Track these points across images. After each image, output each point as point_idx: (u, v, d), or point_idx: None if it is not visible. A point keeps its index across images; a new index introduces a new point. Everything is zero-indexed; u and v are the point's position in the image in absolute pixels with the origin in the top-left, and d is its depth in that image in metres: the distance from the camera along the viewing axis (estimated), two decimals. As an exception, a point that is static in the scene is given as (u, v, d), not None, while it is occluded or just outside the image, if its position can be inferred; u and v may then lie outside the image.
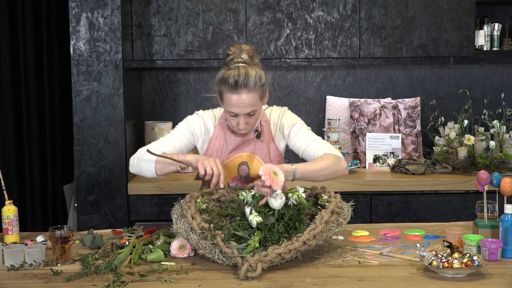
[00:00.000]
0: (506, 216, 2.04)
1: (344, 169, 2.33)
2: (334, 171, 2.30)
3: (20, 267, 1.99)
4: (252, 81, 2.18)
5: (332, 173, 2.30)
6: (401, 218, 3.29)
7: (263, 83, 2.23)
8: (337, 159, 2.31)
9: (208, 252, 1.94)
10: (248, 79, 2.17)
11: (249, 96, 2.20)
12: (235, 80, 2.17)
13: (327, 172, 2.28)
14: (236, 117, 2.27)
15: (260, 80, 2.21)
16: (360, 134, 3.70)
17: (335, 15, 3.49)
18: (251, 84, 2.18)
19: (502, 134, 3.45)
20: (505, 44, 3.76)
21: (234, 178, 2.41)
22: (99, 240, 2.23)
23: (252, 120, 2.29)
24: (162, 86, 3.82)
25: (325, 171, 2.28)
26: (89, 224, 3.24)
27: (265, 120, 2.43)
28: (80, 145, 3.23)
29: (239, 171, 2.40)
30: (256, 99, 2.23)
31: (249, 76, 2.18)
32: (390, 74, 3.86)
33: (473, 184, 3.20)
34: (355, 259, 2.05)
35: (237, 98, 2.20)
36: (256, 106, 2.25)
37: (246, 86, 2.18)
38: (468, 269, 1.85)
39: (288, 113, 2.46)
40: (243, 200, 2.06)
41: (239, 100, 2.20)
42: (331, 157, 2.30)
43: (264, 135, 2.42)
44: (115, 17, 3.19)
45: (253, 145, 2.40)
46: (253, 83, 2.18)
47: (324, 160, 2.29)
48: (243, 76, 2.17)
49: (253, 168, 2.39)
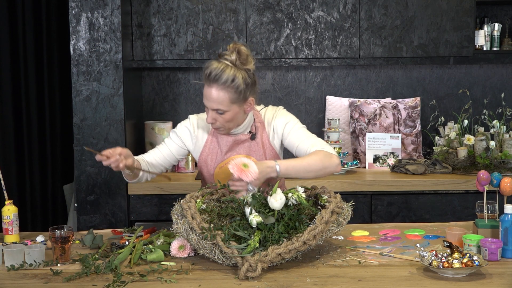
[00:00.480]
0: (506, 216, 2.04)
1: (335, 165, 2.26)
2: (323, 167, 2.24)
3: (20, 267, 1.99)
4: (223, 78, 2.19)
5: (321, 169, 2.24)
6: (401, 218, 3.29)
7: (238, 86, 2.21)
8: (327, 155, 2.24)
9: (208, 252, 1.94)
10: (220, 76, 2.19)
11: (218, 92, 2.21)
12: (210, 72, 2.21)
13: (315, 168, 2.23)
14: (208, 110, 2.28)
15: (232, 82, 2.20)
16: (360, 134, 3.70)
17: (335, 15, 3.49)
18: (221, 81, 2.19)
19: (502, 134, 3.45)
20: (505, 44, 3.76)
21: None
22: (99, 240, 2.23)
23: (220, 119, 2.26)
24: (162, 86, 3.82)
25: (313, 167, 2.23)
26: (89, 224, 3.24)
27: (260, 121, 2.41)
28: (80, 145, 3.22)
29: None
30: (225, 99, 2.21)
31: (223, 73, 2.19)
32: (390, 74, 3.86)
33: (473, 184, 3.20)
34: (355, 259, 2.05)
35: (207, 90, 2.24)
36: (224, 106, 2.23)
37: (216, 82, 2.20)
38: (468, 269, 1.85)
39: (283, 112, 2.43)
40: (243, 200, 2.06)
41: (208, 93, 2.24)
42: (321, 153, 2.25)
43: (259, 136, 2.40)
44: (115, 17, 3.19)
45: (248, 147, 2.39)
46: (224, 80, 2.19)
47: (312, 156, 2.24)
48: (218, 71, 2.20)
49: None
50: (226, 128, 2.32)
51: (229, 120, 2.28)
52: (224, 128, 2.32)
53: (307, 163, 2.22)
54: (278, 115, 2.41)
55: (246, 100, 2.27)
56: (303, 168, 2.22)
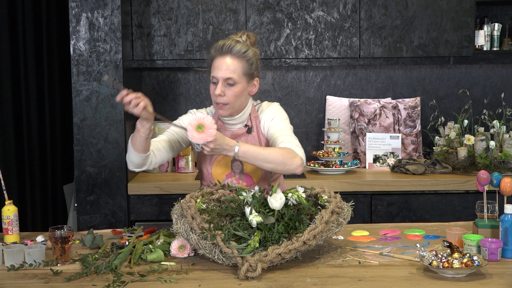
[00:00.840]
0: (506, 216, 2.04)
1: (296, 165, 2.23)
2: (282, 163, 2.21)
3: (20, 267, 1.99)
4: (236, 48, 2.30)
5: (280, 163, 2.22)
6: (401, 218, 3.29)
7: (250, 58, 2.32)
8: (291, 153, 2.23)
9: (208, 252, 1.94)
10: (234, 46, 2.30)
11: (231, 61, 2.29)
12: (223, 44, 2.31)
13: (274, 161, 2.21)
14: (216, 84, 2.31)
15: (245, 53, 2.30)
16: (360, 134, 3.70)
17: (335, 15, 3.49)
18: (234, 50, 2.29)
19: (502, 134, 3.45)
20: (505, 44, 3.76)
21: (228, 174, 2.42)
22: (99, 240, 2.23)
23: (229, 92, 2.30)
24: (162, 86, 3.82)
25: (272, 159, 2.21)
26: (89, 224, 3.24)
27: (255, 116, 2.45)
28: (80, 145, 3.23)
29: (232, 168, 2.42)
30: (238, 67, 2.30)
31: (236, 44, 2.30)
32: (390, 74, 3.86)
33: (473, 184, 3.20)
34: (355, 259, 2.05)
35: (220, 61, 2.30)
36: (236, 75, 2.29)
37: (230, 52, 2.29)
38: (468, 269, 1.85)
39: (275, 106, 2.46)
40: (243, 200, 2.06)
41: (221, 63, 2.30)
42: (286, 149, 2.24)
43: (255, 129, 2.44)
44: (115, 17, 3.19)
45: (245, 140, 2.41)
46: (237, 50, 2.29)
47: (276, 149, 2.24)
48: (230, 42, 2.31)
49: (247, 163, 2.38)
50: (231, 105, 2.33)
51: (237, 94, 2.31)
52: (230, 104, 2.33)
53: (268, 153, 2.22)
54: (270, 109, 2.45)
55: (253, 78, 2.36)
56: (262, 156, 2.21)
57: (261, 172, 2.41)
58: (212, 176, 2.43)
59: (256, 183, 2.42)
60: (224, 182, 2.38)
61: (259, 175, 2.41)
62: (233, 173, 2.42)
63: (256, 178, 2.41)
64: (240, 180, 2.40)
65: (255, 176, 2.41)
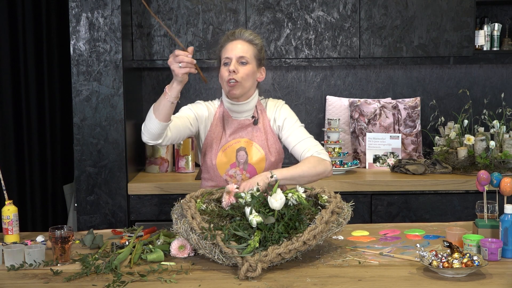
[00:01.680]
0: (506, 216, 2.04)
1: (328, 171, 2.40)
2: (316, 174, 2.37)
3: (20, 267, 1.99)
4: (246, 35, 2.42)
5: (314, 175, 2.37)
6: (401, 218, 3.29)
7: (258, 44, 2.45)
8: (320, 162, 2.38)
9: (208, 252, 1.94)
10: (243, 33, 2.43)
11: (243, 44, 2.41)
12: (233, 32, 2.44)
13: (309, 175, 2.35)
14: (228, 65, 2.39)
15: (254, 39, 2.43)
16: (360, 134, 3.70)
17: (335, 15, 3.49)
18: (244, 36, 2.42)
19: (502, 134, 3.45)
20: (505, 44, 3.76)
21: (232, 164, 2.45)
22: (99, 240, 2.23)
23: (242, 70, 2.38)
24: (162, 86, 3.82)
25: (307, 174, 2.35)
26: (89, 224, 3.24)
27: (261, 109, 2.51)
28: (80, 145, 3.22)
29: (237, 157, 2.45)
30: (249, 50, 2.41)
31: (245, 32, 2.43)
32: (390, 74, 3.86)
33: (473, 184, 3.20)
34: (355, 259, 2.05)
35: (232, 44, 2.41)
36: (248, 56, 2.40)
37: (241, 37, 2.42)
38: (468, 269, 1.85)
39: (285, 107, 2.54)
40: (243, 200, 2.06)
41: (234, 45, 2.40)
42: (315, 160, 2.38)
43: (261, 121, 2.49)
44: (115, 17, 3.19)
45: (250, 131, 2.46)
46: (247, 36, 2.42)
47: (306, 164, 2.37)
48: (240, 30, 2.44)
49: (251, 154, 2.43)
50: (242, 84, 2.40)
51: (249, 73, 2.40)
52: (241, 83, 2.39)
53: (301, 170, 2.34)
54: (280, 107, 2.52)
55: (260, 66, 2.47)
56: (297, 175, 2.33)
57: (264, 165, 2.44)
58: (216, 167, 2.45)
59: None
60: (227, 172, 2.43)
61: (262, 167, 2.44)
62: (237, 163, 2.45)
63: (259, 170, 2.44)
64: (244, 170, 2.44)
65: (258, 167, 2.44)
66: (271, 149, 2.46)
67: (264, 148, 2.45)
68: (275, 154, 2.46)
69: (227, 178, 2.42)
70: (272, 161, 2.45)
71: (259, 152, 2.43)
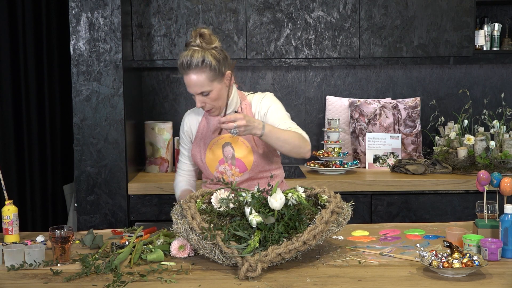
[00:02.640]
0: (506, 216, 2.04)
1: (307, 150, 2.38)
2: (298, 146, 2.35)
3: (20, 267, 1.99)
4: (194, 62, 2.32)
5: (296, 146, 2.34)
6: (401, 218, 3.29)
7: (210, 64, 2.33)
8: (303, 138, 2.38)
9: (208, 252, 1.94)
10: (191, 61, 2.32)
11: (196, 76, 2.34)
12: (182, 62, 2.35)
13: (292, 143, 2.33)
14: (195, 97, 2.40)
15: (203, 62, 2.32)
16: (360, 134, 3.70)
17: (335, 15, 3.49)
18: (193, 65, 2.32)
19: (502, 134, 3.45)
20: (505, 44, 3.76)
21: (220, 161, 2.46)
22: (99, 240, 2.23)
23: (208, 100, 2.38)
24: (162, 86, 3.82)
25: (291, 141, 2.33)
26: (89, 224, 3.24)
27: (246, 104, 2.51)
28: (80, 145, 3.22)
29: (224, 153, 2.46)
30: (204, 80, 2.34)
31: (192, 58, 2.32)
32: (390, 74, 3.86)
33: (473, 184, 3.20)
34: (355, 259, 2.05)
35: (186, 79, 2.37)
36: (206, 87, 2.35)
37: (189, 67, 2.33)
38: (468, 269, 1.85)
39: (268, 95, 2.54)
40: (243, 200, 2.06)
41: (188, 80, 2.36)
42: (299, 134, 2.38)
43: None
44: (115, 17, 3.19)
45: None
46: (195, 64, 2.32)
47: (292, 133, 2.36)
48: (187, 58, 2.33)
49: (238, 149, 2.45)
50: (216, 107, 2.43)
51: (216, 98, 2.39)
52: (215, 108, 2.43)
53: (287, 134, 2.34)
54: (263, 98, 2.52)
55: (223, 76, 2.39)
56: (283, 137, 2.32)
57: (253, 158, 2.44)
58: (207, 165, 2.49)
59: (249, 169, 2.45)
60: (217, 169, 2.46)
61: (250, 161, 2.44)
62: (225, 159, 2.46)
63: (248, 164, 2.44)
64: (232, 166, 2.45)
65: (246, 161, 2.44)
66: (258, 141, 2.45)
67: (250, 141, 2.45)
68: (262, 146, 2.45)
69: (218, 176, 2.44)
70: (260, 153, 2.45)
71: (245, 146, 2.44)
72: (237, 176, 2.45)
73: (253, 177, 2.46)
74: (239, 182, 2.44)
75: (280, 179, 2.56)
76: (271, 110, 2.48)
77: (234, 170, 2.44)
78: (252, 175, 2.46)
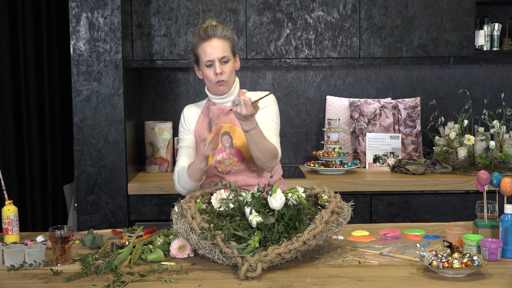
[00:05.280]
0: (506, 216, 2.04)
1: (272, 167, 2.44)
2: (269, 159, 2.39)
3: (20, 267, 1.99)
4: (218, 31, 2.44)
5: (269, 159, 2.39)
6: (401, 218, 3.29)
7: (231, 37, 2.48)
8: (276, 155, 2.42)
9: (208, 252, 1.94)
10: (215, 29, 2.44)
11: (220, 42, 2.44)
12: (205, 31, 2.44)
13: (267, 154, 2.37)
14: (212, 67, 2.44)
15: (227, 34, 2.46)
16: (360, 134, 3.70)
17: (335, 15, 3.49)
18: (217, 33, 2.44)
19: (502, 134, 3.45)
20: (505, 44, 3.76)
21: (219, 150, 2.48)
22: (99, 240, 2.23)
23: (226, 69, 2.45)
24: (162, 86, 3.82)
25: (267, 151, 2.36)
26: (89, 224, 3.24)
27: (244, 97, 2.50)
28: (80, 145, 3.22)
29: (222, 142, 2.48)
30: (227, 47, 2.45)
31: (217, 27, 2.45)
32: (390, 74, 3.86)
33: (473, 184, 3.20)
34: (355, 259, 2.05)
35: (208, 44, 2.43)
36: (228, 53, 2.45)
37: (214, 34, 2.44)
38: (468, 269, 1.85)
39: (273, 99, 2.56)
40: (243, 200, 2.06)
41: (212, 46, 2.43)
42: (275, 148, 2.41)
43: None
44: (115, 17, 3.19)
45: (233, 117, 2.48)
46: (219, 32, 2.44)
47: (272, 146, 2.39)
48: (211, 27, 2.44)
49: (236, 138, 2.47)
50: (229, 80, 2.47)
51: (232, 69, 2.48)
52: (228, 80, 2.47)
53: (268, 144, 2.37)
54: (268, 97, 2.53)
55: (235, 55, 2.52)
56: (263, 144, 2.35)
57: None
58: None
59: (247, 159, 2.47)
60: (216, 159, 2.47)
61: (248, 150, 2.45)
62: (223, 147, 2.48)
63: (246, 154, 2.47)
64: (230, 154, 2.47)
65: (244, 151, 2.47)
66: None
67: None
68: None
69: (216, 165, 2.45)
70: None
71: (242, 136, 2.45)
72: (235, 165, 2.46)
73: (251, 167, 2.47)
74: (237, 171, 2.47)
75: (278, 176, 2.56)
76: (268, 110, 2.51)
77: (232, 159, 2.46)
78: (250, 165, 2.47)
